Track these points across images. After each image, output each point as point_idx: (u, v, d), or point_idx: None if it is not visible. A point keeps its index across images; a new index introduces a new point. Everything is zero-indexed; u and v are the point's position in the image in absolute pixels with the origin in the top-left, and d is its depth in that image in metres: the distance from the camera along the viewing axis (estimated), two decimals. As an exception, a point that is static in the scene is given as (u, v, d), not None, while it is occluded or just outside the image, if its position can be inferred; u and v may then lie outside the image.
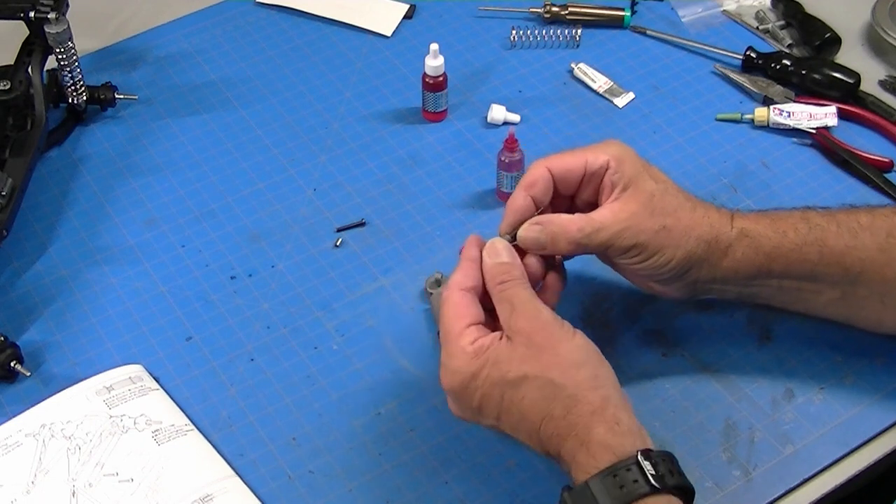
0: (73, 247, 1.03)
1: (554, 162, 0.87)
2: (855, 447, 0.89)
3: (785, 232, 0.87)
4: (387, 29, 1.25)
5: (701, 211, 0.87)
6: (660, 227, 0.85)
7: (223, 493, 0.85)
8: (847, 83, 1.15)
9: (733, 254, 0.86)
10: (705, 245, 0.86)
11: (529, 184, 0.86)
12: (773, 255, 0.86)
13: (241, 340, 0.96)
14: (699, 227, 0.86)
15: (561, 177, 0.87)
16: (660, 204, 0.85)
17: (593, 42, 1.24)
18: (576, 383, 0.77)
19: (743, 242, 0.86)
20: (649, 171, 0.86)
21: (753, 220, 0.88)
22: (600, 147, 0.87)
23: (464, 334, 0.80)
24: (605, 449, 0.74)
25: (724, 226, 0.87)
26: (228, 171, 1.10)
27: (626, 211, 0.84)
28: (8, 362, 0.91)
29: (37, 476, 0.85)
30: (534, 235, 0.85)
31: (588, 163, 0.86)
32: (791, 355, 0.94)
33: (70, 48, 1.08)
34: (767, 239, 0.86)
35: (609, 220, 0.84)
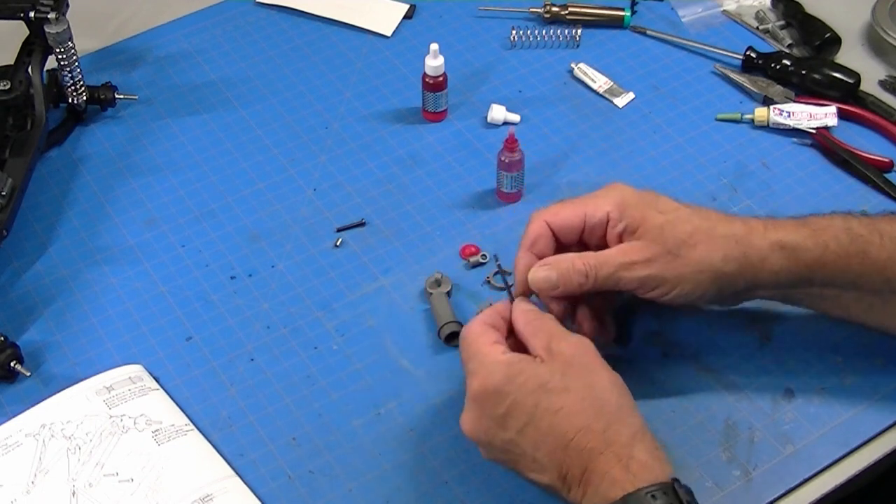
0: (73, 247, 1.03)
1: (552, 216, 0.87)
2: (855, 447, 0.89)
3: (826, 244, 0.85)
4: (387, 29, 1.25)
5: (722, 229, 0.85)
6: (674, 257, 0.84)
7: (223, 493, 0.85)
8: (847, 83, 1.15)
9: (770, 266, 0.85)
10: (734, 263, 0.84)
11: (531, 243, 0.87)
12: (814, 267, 0.85)
13: (241, 340, 0.96)
14: (723, 248, 0.84)
15: (560, 231, 0.87)
16: (671, 235, 0.84)
17: (593, 42, 1.24)
18: (619, 404, 0.78)
19: (780, 254, 0.85)
20: (657, 206, 0.85)
21: (792, 231, 0.86)
22: (601, 196, 0.87)
23: (494, 347, 0.81)
24: (646, 469, 0.75)
25: (756, 239, 0.85)
26: (228, 171, 1.10)
27: (634, 247, 0.84)
28: (8, 362, 0.91)
29: (37, 476, 0.85)
30: (543, 275, 0.85)
31: (587, 216, 0.86)
32: (791, 355, 0.94)
33: (70, 48, 1.08)
34: (807, 251, 0.85)
35: (615, 256, 0.85)
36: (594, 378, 0.79)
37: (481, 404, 0.80)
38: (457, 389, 0.92)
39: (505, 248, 1.02)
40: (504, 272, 0.90)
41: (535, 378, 0.78)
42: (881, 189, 1.07)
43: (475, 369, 0.80)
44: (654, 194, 0.87)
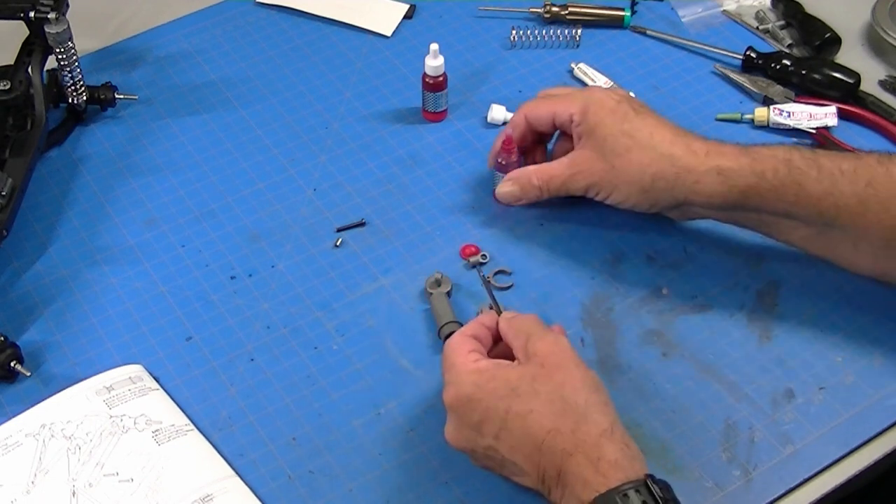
0: (73, 247, 1.03)
1: (530, 110, 1.02)
2: (855, 447, 0.89)
3: (763, 172, 0.90)
4: (387, 29, 1.25)
5: (661, 149, 0.93)
6: (609, 168, 0.95)
7: (223, 493, 0.85)
8: (847, 83, 1.15)
9: (703, 188, 0.92)
10: (663, 181, 0.93)
11: (511, 127, 1.03)
12: (748, 193, 0.91)
13: (241, 340, 0.96)
14: (654, 165, 0.93)
15: (535, 123, 1.02)
16: (611, 147, 0.95)
17: (593, 42, 1.24)
18: (587, 403, 0.78)
19: (715, 179, 0.91)
20: (614, 115, 0.95)
21: (732, 157, 0.92)
22: (573, 96, 0.99)
23: (468, 356, 0.83)
24: (616, 468, 0.75)
25: (693, 161, 0.92)
26: (228, 171, 1.10)
27: (580, 157, 0.97)
28: (8, 362, 0.91)
29: (37, 476, 0.85)
30: (508, 189, 1.02)
31: (556, 114, 1.00)
32: (791, 355, 0.94)
33: (70, 48, 1.08)
34: (743, 178, 0.91)
35: (562, 169, 0.98)
36: (564, 377, 0.79)
37: (458, 414, 0.81)
38: (457, 389, 0.92)
39: (505, 247, 1.02)
40: (490, 285, 0.96)
41: (505, 383, 0.80)
42: (881, 189, 1.07)
43: (449, 380, 0.82)
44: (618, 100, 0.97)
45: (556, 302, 0.98)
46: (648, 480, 0.74)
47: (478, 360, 0.82)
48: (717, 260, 1.01)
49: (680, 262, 1.01)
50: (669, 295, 0.98)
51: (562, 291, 0.98)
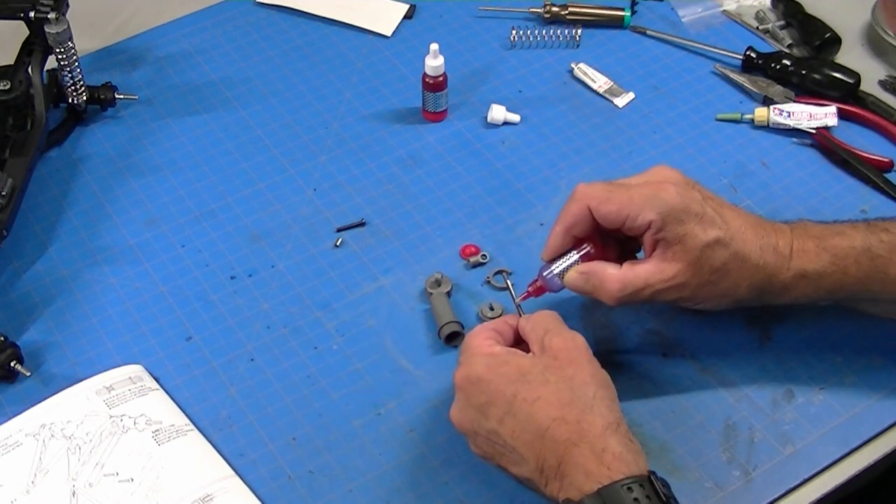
0: (73, 247, 1.03)
1: (596, 205, 0.87)
2: (855, 447, 0.89)
3: (846, 269, 0.87)
4: (387, 29, 1.25)
5: (755, 260, 0.86)
6: (705, 283, 0.86)
7: (223, 493, 0.85)
8: (847, 83, 1.15)
9: (790, 293, 0.88)
10: (756, 291, 0.88)
11: (570, 224, 0.88)
12: (833, 290, 0.88)
13: (241, 340, 0.96)
14: (750, 278, 0.87)
15: (600, 220, 0.87)
16: (707, 261, 0.85)
17: (593, 42, 1.24)
18: (595, 396, 0.78)
19: (801, 283, 0.88)
20: (701, 222, 0.85)
21: (814, 258, 0.87)
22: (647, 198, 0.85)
23: (485, 341, 0.83)
24: (620, 462, 0.75)
25: (781, 270, 0.87)
26: (228, 171, 1.10)
27: (671, 269, 0.86)
28: (8, 362, 0.91)
29: (37, 476, 0.85)
30: (580, 285, 0.89)
31: (629, 219, 0.86)
32: (791, 355, 0.94)
33: (70, 48, 1.08)
34: (828, 277, 0.87)
35: (652, 279, 0.86)
36: (575, 370, 0.80)
37: (466, 393, 0.82)
38: (457, 389, 0.92)
39: (505, 247, 1.02)
40: (510, 286, 0.94)
41: (516, 368, 0.80)
42: (881, 189, 1.07)
43: (463, 361, 0.83)
44: (699, 200, 0.86)
45: (556, 302, 0.97)
46: (652, 476, 0.74)
47: (493, 346, 0.83)
48: (717, 260, 1.01)
49: (680, 262, 1.01)
50: (669, 295, 0.98)
51: (562, 291, 0.98)
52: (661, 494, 0.73)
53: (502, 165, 1.10)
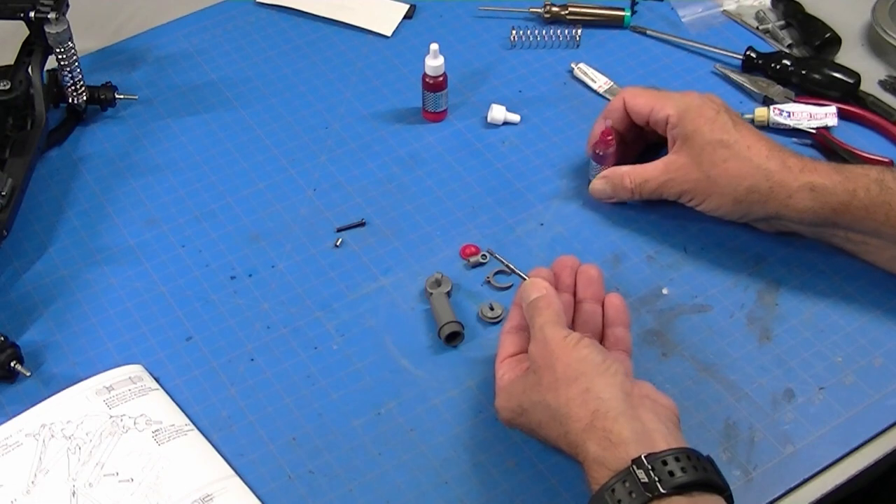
0: (73, 247, 1.03)
1: (630, 98, 1.02)
2: (855, 447, 0.89)
3: (855, 191, 0.91)
4: (387, 29, 1.25)
5: (757, 161, 0.94)
6: (704, 177, 0.96)
7: (223, 493, 0.85)
8: (847, 83, 1.15)
9: (794, 204, 0.93)
10: (756, 194, 0.94)
11: (610, 110, 1.04)
12: (839, 210, 0.92)
13: (241, 340, 0.96)
14: (749, 178, 0.94)
15: (631, 112, 1.02)
16: (709, 157, 0.95)
17: (593, 42, 1.24)
18: (566, 401, 0.78)
19: (808, 195, 0.93)
20: (713, 123, 0.95)
21: (824, 175, 0.93)
22: (671, 98, 0.99)
23: (498, 369, 0.87)
24: (599, 465, 0.74)
25: (787, 177, 0.93)
26: (228, 171, 1.10)
27: (675, 163, 0.98)
28: (8, 362, 0.91)
29: (37, 476, 0.85)
30: (600, 187, 1.03)
31: (653, 110, 1.00)
32: (791, 355, 0.94)
33: (70, 48, 1.08)
34: (835, 195, 0.92)
35: (656, 173, 0.99)
36: (549, 379, 0.80)
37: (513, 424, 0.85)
38: (457, 390, 0.92)
39: (505, 248, 1.02)
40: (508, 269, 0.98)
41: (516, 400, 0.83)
42: (881, 189, 1.07)
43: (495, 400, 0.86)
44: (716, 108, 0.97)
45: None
46: (633, 467, 0.72)
47: (503, 376, 0.86)
48: (717, 260, 1.01)
49: (680, 262, 1.01)
50: (669, 295, 0.99)
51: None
52: (642, 484, 0.71)
53: (502, 165, 1.10)
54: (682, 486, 0.72)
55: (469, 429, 0.89)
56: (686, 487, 0.72)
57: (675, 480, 0.72)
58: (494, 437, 0.88)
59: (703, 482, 0.73)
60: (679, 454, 0.73)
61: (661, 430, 0.76)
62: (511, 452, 0.88)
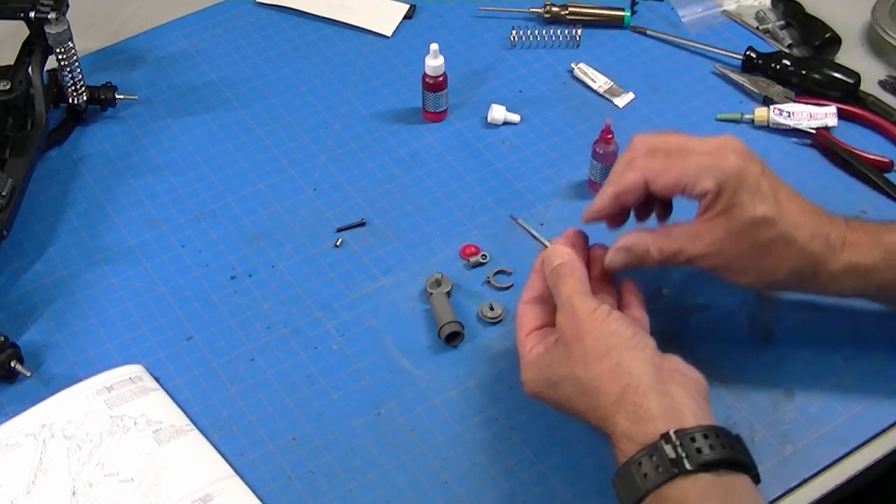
0: (73, 247, 1.03)
1: (654, 176, 0.84)
2: (855, 447, 0.89)
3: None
4: (387, 29, 1.25)
5: (803, 242, 0.83)
6: (745, 255, 0.84)
7: (223, 493, 0.85)
8: (847, 83, 1.15)
9: (838, 284, 0.86)
10: (798, 277, 0.85)
11: (622, 192, 0.85)
12: (884, 287, 0.86)
13: (241, 340, 0.96)
14: (792, 262, 0.84)
15: (656, 191, 0.85)
16: (751, 237, 0.83)
17: (593, 42, 1.24)
18: (596, 375, 0.78)
19: (850, 275, 0.85)
20: (756, 196, 0.82)
21: (866, 252, 0.85)
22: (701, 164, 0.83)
23: (524, 343, 0.84)
24: (627, 439, 0.75)
25: (829, 260, 0.85)
26: (228, 171, 1.10)
27: (712, 236, 0.83)
28: (8, 362, 0.91)
29: (37, 476, 0.85)
30: (622, 260, 0.87)
31: (686, 188, 0.83)
32: (791, 355, 0.94)
33: (70, 48, 1.08)
34: (879, 273, 0.85)
35: (689, 245, 0.84)
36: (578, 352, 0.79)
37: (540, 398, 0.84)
38: (457, 390, 0.92)
39: (504, 248, 1.02)
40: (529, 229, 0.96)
41: (545, 373, 0.82)
42: (881, 189, 1.07)
43: (520, 374, 0.84)
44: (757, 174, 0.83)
45: (556, 302, 0.97)
46: (661, 442, 0.73)
47: (531, 349, 0.84)
48: (717, 260, 1.01)
49: (680, 262, 1.01)
50: (670, 295, 0.98)
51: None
52: (669, 461, 0.72)
53: (502, 165, 1.10)
54: (708, 464, 0.72)
55: (469, 429, 0.89)
56: (713, 465, 0.72)
57: (702, 458, 0.72)
58: (494, 437, 0.88)
59: (730, 460, 0.73)
60: (708, 431, 0.74)
61: (690, 406, 0.76)
62: (511, 452, 0.88)
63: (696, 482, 0.72)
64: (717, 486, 0.72)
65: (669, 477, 0.72)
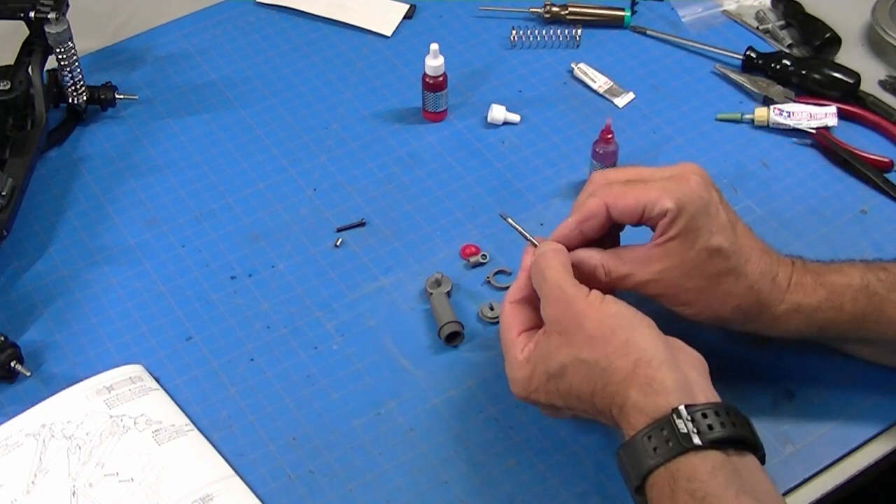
0: (73, 247, 1.03)
1: (613, 200, 0.84)
2: (855, 447, 0.89)
3: (842, 306, 0.85)
4: (387, 29, 1.25)
5: (750, 280, 0.83)
6: (691, 287, 0.83)
7: (223, 493, 0.85)
8: (847, 83, 1.15)
9: (780, 325, 0.86)
10: (743, 315, 0.85)
11: (584, 218, 0.85)
12: (826, 328, 0.86)
13: (241, 340, 0.96)
14: (739, 299, 0.84)
15: (618, 216, 0.84)
16: (702, 267, 0.82)
17: (593, 42, 1.24)
18: (605, 355, 0.77)
19: (794, 317, 0.85)
20: (713, 224, 0.82)
21: (810, 293, 0.85)
22: (667, 185, 0.82)
23: (515, 343, 0.83)
24: (638, 412, 0.74)
25: (774, 301, 0.84)
26: (228, 171, 1.10)
27: (662, 263, 0.83)
28: (8, 362, 0.91)
29: (37, 476, 0.85)
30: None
31: (647, 208, 0.82)
32: (791, 355, 0.94)
33: (70, 48, 1.08)
34: (822, 313, 0.85)
35: (637, 270, 0.84)
36: (579, 338, 0.79)
37: (528, 402, 0.84)
38: (457, 390, 0.92)
39: (505, 248, 1.02)
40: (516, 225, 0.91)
41: (542, 367, 0.81)
42: (881, 189, 1.07)
43: (507, 373, 0.84)
44: (717, 203, 0.83)
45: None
46: (673, 416, 0.72)
47: (523, 348, 0.82)
48: (717, 260, 1.01)
49: (680, 262, 1.01)
50: (669, 295, 0.98)
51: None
52: (680, 435, 0.71)
53: (502, 165, 1.10)
54: (718, 441, 0.72)
55: (469, 429, 0.89)
56: (722, 442, 0.72)
57: (713, 434, 0.72)
58: (494, 437, 0.88)
59: (739, 439, 0.73)
60: (718, 408, 0.74)
61: (699, 383, 0.77)
62: (511, 452, 0.88)
63: (706, 458, 0.72)
64: (727, 463, 0.72)
65: (680, 451, 0.72)
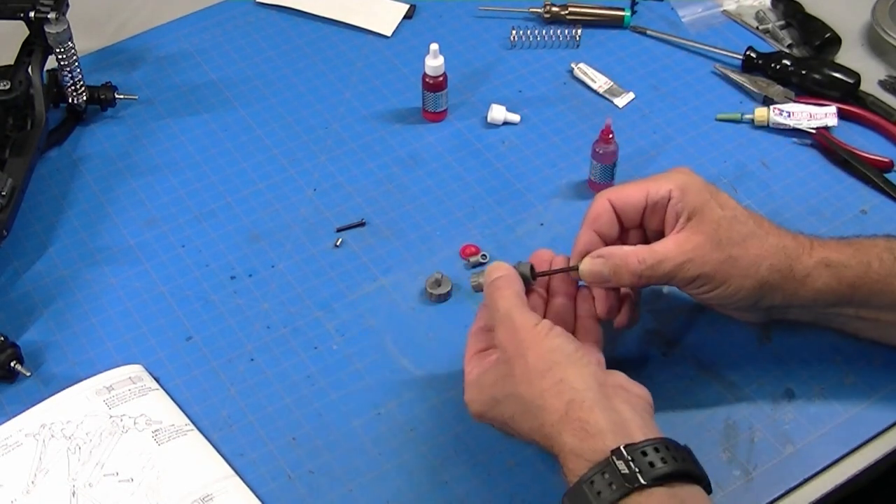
0: (73, 247, 1.03)
1: (615, 194, 0.86)
2: (855, 447, 0.89)
3: (870, 262, 0.85)
4: (387, 29, 1.25)
5: (774, 239, 0.85)
6: (726, 258, 0.83)
7: (223, 493, 0.85)
8: (847, 83, 1.15)
9: (812, 283, 0.85)
10: (778, 274, 0.84)
11: (593, 219, 0.86)
12: (857, 285, 0.85)
13: (241, 340, 0.96)
14: (771, 257, 0.84)
15: (623, 209, 0.86)
16: (726, 234, 0.83)
17: (593, 42, 1.24)
18: (540, 392, 0.76)
19: (824, 272, 0.85)
20: (717, 199, 0.85)
21: (836, 249, 0.85)
22: (664, 176, 0.86)
23: (467, 363, 0.84)
24: (576, 457, 0.73)
25: (802, 254, 0.85)
26: (228, 171, 1.10)
27: (691, 242, 0.83)
28: (8, 362, 0.91)
29: (37, 476, 0.85)
30: (597, 269, 0.85)
31: (650, 194, 0.85)
32: (791, 355, 0.94)
33: (70, 48, 1.08)
34: (851, 269, 0.84)
35: (672, 252, 0.83)
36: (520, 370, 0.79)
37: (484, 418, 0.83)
38: (457, 390, 0.92)
39: (505, 247, 1.02)
40: None
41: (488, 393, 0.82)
42: (881, 189, 1.07)
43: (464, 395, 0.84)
44: (716, 188, 0.86)
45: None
46: (613, 458, 0.72)
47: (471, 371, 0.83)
48: (717, 260, 1.01)
49: (680, 262, 1.01)
50: (669, 294, 0.98)
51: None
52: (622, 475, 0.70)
53: (502, 165, 1.10)
54: (662, 477, 0.71)
55: (469, 429, 0.89)
56: (666, 478, 0.72)
57: (656, 471, 0.71)
58: (494, 437, 0.88)
59: (683, 472, 0.72)
60: (658, 444, 0.73)
61: (636, 421, 0.75)
62: (511, 452, 0.88)
63: (652, 496, 0.71)
64: (673, 498, 0.71)
65: (624, 493, 0.70)
